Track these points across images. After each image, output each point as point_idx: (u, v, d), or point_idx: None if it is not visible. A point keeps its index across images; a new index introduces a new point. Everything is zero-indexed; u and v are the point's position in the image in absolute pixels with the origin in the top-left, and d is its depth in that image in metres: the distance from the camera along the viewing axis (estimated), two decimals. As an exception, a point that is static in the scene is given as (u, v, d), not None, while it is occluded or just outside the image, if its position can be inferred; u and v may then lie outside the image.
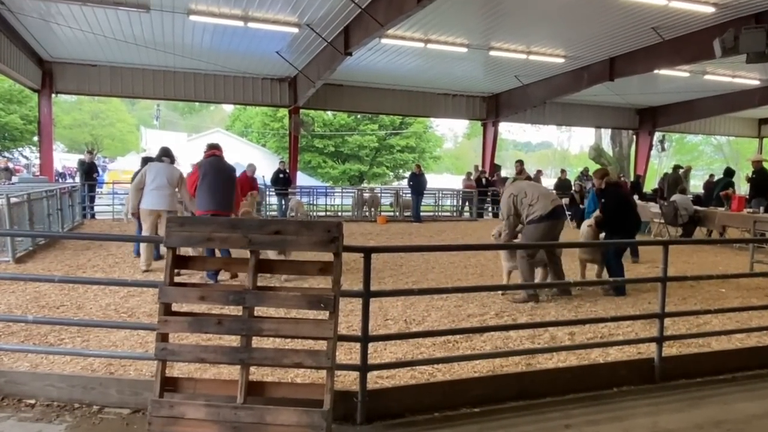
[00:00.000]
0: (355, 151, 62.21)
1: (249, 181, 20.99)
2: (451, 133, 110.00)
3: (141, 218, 13.63)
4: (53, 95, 27.81)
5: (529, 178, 19.58)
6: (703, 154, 78.08)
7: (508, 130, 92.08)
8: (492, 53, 24.38)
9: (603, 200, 12.67)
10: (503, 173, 39.98)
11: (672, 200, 21.40)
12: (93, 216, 25.50)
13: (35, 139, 45.93)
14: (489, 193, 33.18)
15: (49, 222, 17.71)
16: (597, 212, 12.61)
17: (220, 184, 12.70)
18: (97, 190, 27.13)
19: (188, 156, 38.76)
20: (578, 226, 26.27)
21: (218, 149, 13.29)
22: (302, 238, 5.52)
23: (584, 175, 32.39)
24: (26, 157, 61.31)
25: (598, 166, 29.42)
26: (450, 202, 35.57)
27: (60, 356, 7.30)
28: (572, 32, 21.90)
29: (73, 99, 70.50)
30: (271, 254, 11.85)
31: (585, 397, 6.78)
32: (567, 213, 11.88)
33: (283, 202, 27.65)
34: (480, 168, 35.60)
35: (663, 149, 44.29)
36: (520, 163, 20.89)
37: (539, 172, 34.22)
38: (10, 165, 36.67)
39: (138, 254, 14.47)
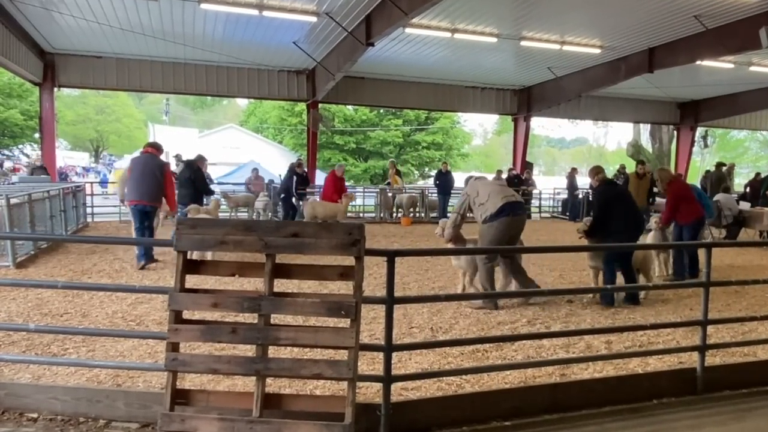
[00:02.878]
0: (377, 148, 62.21)
1: (338, 182, 22.34)
2: (481, 128, 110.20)
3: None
4: (55, 89, 27.94)
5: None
6: (748, 151, 77.77)
7: (541, 126, 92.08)
8: (523, 43, 24.35)
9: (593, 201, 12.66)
10: (535, 171, 39.89)
11: (715, 200, 21.29)
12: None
13: (36, 135, 46.09)
14: (520, 193, 33.12)
15: (51, 224, 17.85)
16: (586, 218, 12.41)
17: (143, 177, 14.74)
18: (102, 189, 27.19)
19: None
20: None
21: (153, 147, 15.43)
22: (322, 240, 5.53)
23: (621, 173, 32.29)
24: (27, 155, 61.50)
25: (639, 164, 29.32)
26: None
27: (64, 367, 7.33)
28: (609, 20, 21.82)
29: (76, 93, 70.85)
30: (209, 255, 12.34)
31: (623, 409, 6.78)
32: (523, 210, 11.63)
33: (301, 203, 27.63)
34: (510, 166, 35.61)
35: (706, 145, 44.17)
36: (640, 163, 20.72)
37: (574, 170, 34.14)
38: (13, 163, 36.48)
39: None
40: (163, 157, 15.57)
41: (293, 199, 24.13)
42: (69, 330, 8.30)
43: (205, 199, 17.40)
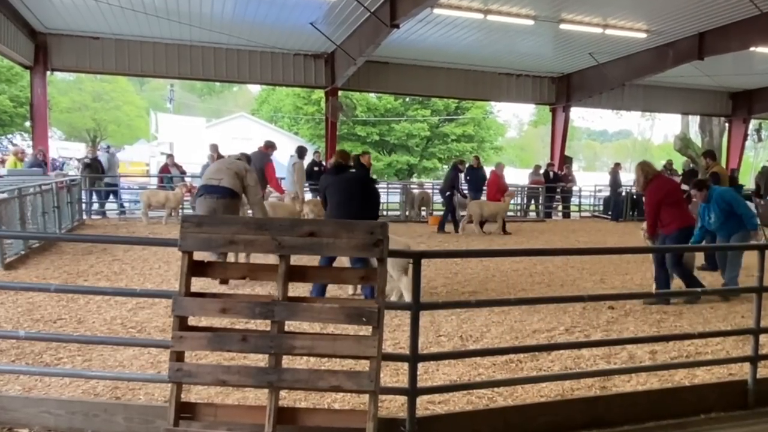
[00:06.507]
0: (403, 141, 62.11)
1: (500, 181, 24.34)
2: (516, 119, 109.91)
3: None
4: (48, 73, 28.07)
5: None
6: (805, 145, 77.43)
7: (581, 117, 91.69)
8: (563, 26, 24.37)
9: None
10: (575, 167, 39.83)
11: (770, 198, 21.21)
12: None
13: (27, 124, 46.15)
14: (558, 190, 33.03)
15: (44, 221, 17.84)
16: None
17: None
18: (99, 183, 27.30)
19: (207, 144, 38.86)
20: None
21: (264, 145, 20.25)
22: (341, 241, 5.51)
23: (668, 168, 32.19)
24: (16, 145, 61.53)
25: (684, 159, 29.24)
26: (513, 200, 35.51)
27: (57, 378, 7.33)
28: (656, 2, 21.78)
29: (71, 78, 70.83)
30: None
31: (668, 425, 6.78)
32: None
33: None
34: (549, 161, 35.58)
35: (759, 139, 43.98)
36: (709, 155, 20.76)
37: (617, 166, 34.09)
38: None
39: None
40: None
41: (454, 198, 24.65)
42: (63, 337, 8.36)
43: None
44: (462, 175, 25.10)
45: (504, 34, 26.30)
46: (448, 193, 24.13)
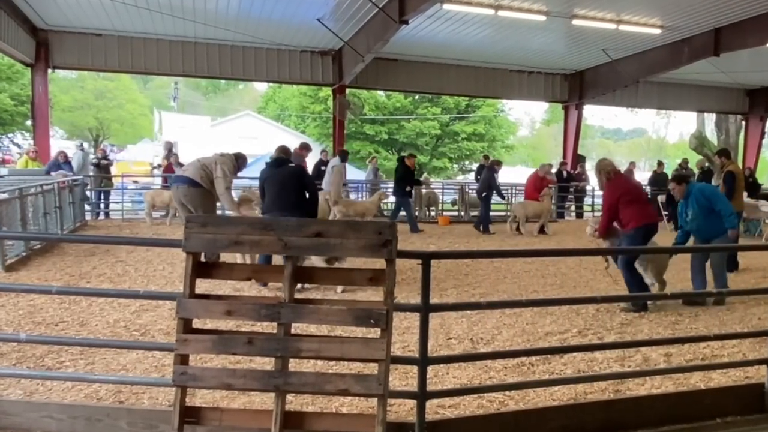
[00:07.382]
0: (412, 139, 62.06)
1: (539, 182, 24.65)
2: (527, 117, 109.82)
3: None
4: (49, 71, 28.05)
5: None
6: (826, 144, 77.25)
7: (594, 115, 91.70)
8: (575, 22, 24.31)
9: None
10: (588, 166, 39.82)
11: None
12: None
13: (28, 123, 46.09)
14: (571, 189, 32.96)
15: (45, 222, 17.85)
16: None
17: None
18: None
19: (212, 144, 38.75)
20: (676, 228, 26.22)
21: (298, 147, 19.98)
22: (349, 241, 5.46)
23: (683, 168, 32.14)
24: (18, 145, 61.38)
25: (700, 158, 29.23)
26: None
27: (59, 382, 7.32)
28: (671, -3, 21.75)
29: (73, 75, 70.65)
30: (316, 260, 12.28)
31: (683, 429, 6.75)
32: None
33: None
34: (562, 159, 35.52)
35: (777, 137, 43.96)
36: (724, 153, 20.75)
37: (632, 165, 34.01)
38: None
39: None
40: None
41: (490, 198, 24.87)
42: (65, 340, 8.33)
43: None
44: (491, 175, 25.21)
45: (515, 31, 26.31)
46: (485, 194, 24.14)
